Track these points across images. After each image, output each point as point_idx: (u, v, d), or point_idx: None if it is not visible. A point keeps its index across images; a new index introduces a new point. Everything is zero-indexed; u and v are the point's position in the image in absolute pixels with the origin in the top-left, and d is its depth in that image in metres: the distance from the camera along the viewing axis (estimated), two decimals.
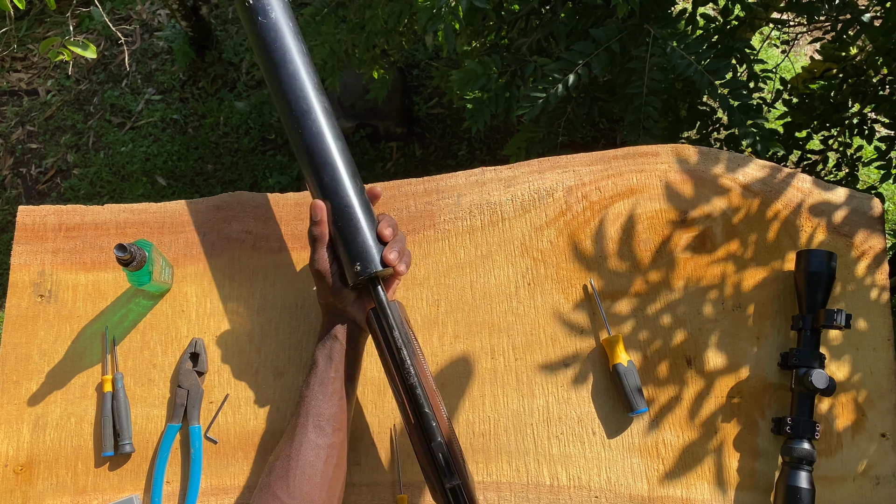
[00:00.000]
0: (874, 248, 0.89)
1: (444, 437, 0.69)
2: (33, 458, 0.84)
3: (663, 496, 0.83)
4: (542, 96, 1.11)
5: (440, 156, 2.34)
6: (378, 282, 0.74)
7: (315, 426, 0.72)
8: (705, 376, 0.86)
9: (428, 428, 0.70)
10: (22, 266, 0.90)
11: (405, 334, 0.73)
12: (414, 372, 0.71)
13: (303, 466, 0.70)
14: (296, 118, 0.76)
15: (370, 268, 0.73)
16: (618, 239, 0.90)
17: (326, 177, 0.76)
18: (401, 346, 0.72)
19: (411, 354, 0.72)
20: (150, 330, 0.88)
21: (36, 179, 2.40)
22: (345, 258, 0.75)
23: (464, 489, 0.69)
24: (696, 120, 1.53)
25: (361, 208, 0.76)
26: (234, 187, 2.31)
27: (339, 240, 0.75)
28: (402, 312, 0.75)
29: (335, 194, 0.76)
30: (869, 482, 0.83)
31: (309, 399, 0.74)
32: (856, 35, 1.22)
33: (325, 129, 0.77)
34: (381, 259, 0.74)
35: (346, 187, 0.76)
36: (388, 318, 0.73)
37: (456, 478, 0.68)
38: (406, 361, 0.71)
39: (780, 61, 2.24)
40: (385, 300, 0.74)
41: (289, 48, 0.77)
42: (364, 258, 0.74)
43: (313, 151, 0.76)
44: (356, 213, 0.75)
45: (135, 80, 2.51)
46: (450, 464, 0.69)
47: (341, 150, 0.77)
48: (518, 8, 1.33)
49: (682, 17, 1.24)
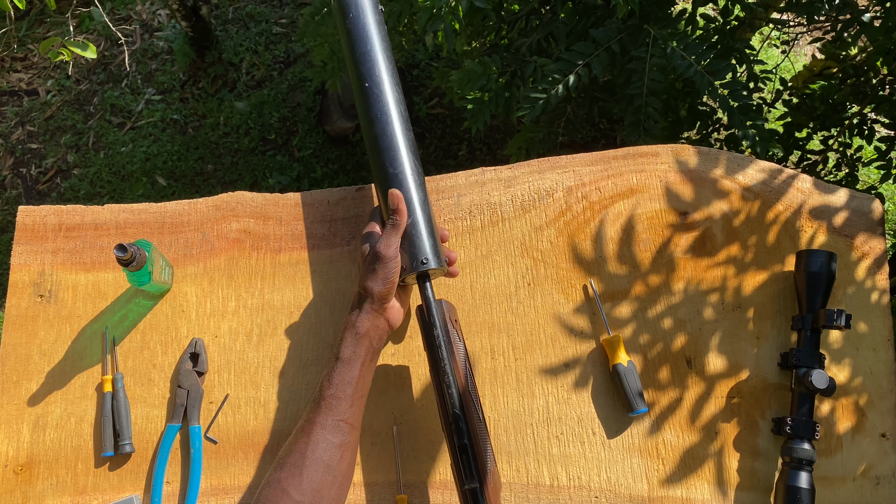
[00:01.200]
0: (874, 250, 0.89)
1: (469, 439, 0.70)
2: (33, 458, 0.84)
3: (663, 496, 0.83)
4: (543, 97, 1.11)
5: (440, 156, 2.34)
6: (429, 278, 0.77)
7: (333, 425, 0.71)
8: (705, 377, 0.86)
9: (456, 428, 0.70)
10: (22, 266, 0.90)
11: (447, 333, 0.74)
12: (450, 371, 0.72)
13: (317, 464, 0.69)
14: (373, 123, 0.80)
15: (433, 263, 0.76)
16: (618, 239, 0.90)
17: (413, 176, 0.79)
18: (440, 344, 0.73)
19: (450, 354, 0.73)
20: (150, 330, 0.88)
21: (36, 179, 2.40)
22: (408, 251, 0.77)
23: (482, 494, 0.69)
24: (696, 120, 1.53)
25: (421, 205, 0.79)
26: (234, 187, 2.31)
27: (412, 233, 0.77)
28: (451, 312, 0.77)
29: (412, 192, 0.78)
30: (869, 482, 0.83)
31: (331, 398, 0.72)
32: (856, 35, 1.22)
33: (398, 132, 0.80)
34: (436, 258, 0.76)
35: (419, 188, 0.79)
36: (433, 316, 0.75)
37: (475, 481, 0.68)
38: (443, 360, 0.73)
39: (780, 61, 2.24)
40: (431, 297, 0.76)
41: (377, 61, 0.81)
42: (432, 253, 0.76)
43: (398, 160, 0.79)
44: (417, 210, 0.78)
45: (135, 81, 2.51)
46: (470, 466, 0.69)
47: (408, 146, 0.80)
48: (518, 8, 1.33)
49: (682, 17, 1.24)
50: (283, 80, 2.47)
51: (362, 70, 0.80)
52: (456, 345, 0.75)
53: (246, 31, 2.57)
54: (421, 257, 0.76)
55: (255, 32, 2.56)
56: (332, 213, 0.92)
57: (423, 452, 0.84)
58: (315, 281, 0.90)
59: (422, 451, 0.84)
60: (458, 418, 0.70)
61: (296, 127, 2.39)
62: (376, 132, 0.79)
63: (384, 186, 0.78)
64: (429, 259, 0.76)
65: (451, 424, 0.71)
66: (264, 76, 2.48)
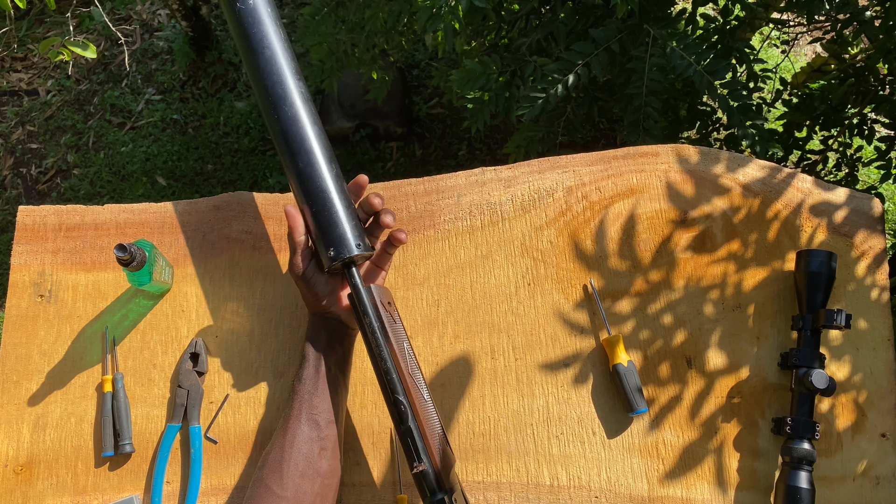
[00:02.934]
0: (874, 248, 0.89)
1: (414, 422, 0.69)
2: (33, 458, 0.84)
3: (663, 496, 0.83)
4: (542, 96, 1.11)
5: (440, 156, 2.34)
6: (353, 266, 0.75)
7: (308, 419, 0.73)
8: (705, 376, 0.86)
9: (399, 412, 0.70)
10: (22, 266, 0.90)
11: (379, 318, 0.72)
12: (387, 356, 0.71)
13: (296, 459, 0.70)
14: (272, 103, 0.76)
15: (344, 252, 0.74)
16: (618, 239, 0.90)
17: (301, 162, 0.75)
18: (374, 330, 0.72)
19: (385, 339, 0.72)
20: (150, 330, 0.88)
21: (36, 179, 2.40)
22: (319, 244, 0.75)
23: (433, 474, 0.68)
24: (696, 120, 1.53)
25: (337, 193, 0.75)
26: (234, 187, 2.31)
27: (314, 225, 0.75)
28: (383, 295, 0.75)
29: (310, 179, 0.75)
30: (869, 482, 0.83)
31: (301, 392, 0.74)
32: (856, 34, 1.22)
33: (302, 115, 0.76)
34: (356, 244, 0.74)
35: (321, 172, 0.75)
36: (362, 303, 0.73)
37: (423, 463, 0.68)
38: (379, 346, 0.71)
39: (780, 61, 2.24)
40: (359, 284, 0.74)
41: (266, 34, 0.77)
42: (338, 243, 0.74)
43: (289, 137, 0.76)
44: (332, 198, 0.75)
45: (135, 80, 2.51)
46: (417, 448, 0.68)
47: (317, 136, 0.77)
48: (518, 8, 1.33)
49: (681, 17, 1.24)
50: None
51: None
52: (392, 327, 0.73)
53: None
54: (338, 247, 0.74)
55: None
56: None
57: None
58: None
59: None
60: (398, 403, 0.70)
61: None
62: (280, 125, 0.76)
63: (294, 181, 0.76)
64: (349, 247, 0.74)
65: (392, 409, 0.70)
66: None
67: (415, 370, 0.74)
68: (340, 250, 0.74)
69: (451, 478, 0.70)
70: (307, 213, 0.76)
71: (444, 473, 0.69)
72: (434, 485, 0.68)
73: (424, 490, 0.68)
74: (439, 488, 0.68)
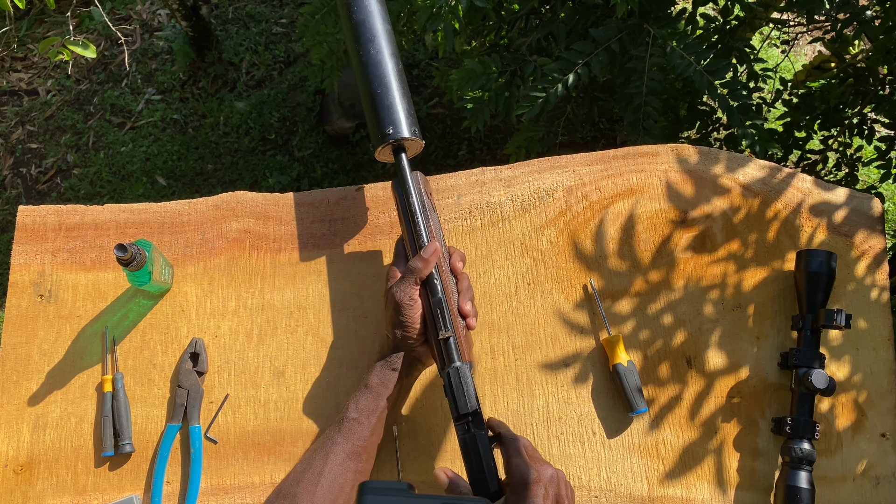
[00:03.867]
0: (874, 248, 0.89)
1: (443, 295, 0.75)
2: (33, 458, 0.84)
3: (663, 496, 0.83)
4: (542, 96, 1.11)
5: (440, 156, 2.34)
6: (402, 151, 0.81)
7: (353, 450, 0.72)
8: (705, 376, 0.86)
9: (431, 285, 0.75)
10: (22, 266, 0.90)
11: (421, 200, 0.79)
12: (424, 233, 0.77)
13: (330, 486, 0.70)
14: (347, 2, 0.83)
15: (399, 133, 0.79)
16: (618, 239, 0.90)
17: (374, 49, 0.81)
18: (416, 211, 0.78)
19: (426, 220, 0.78)
20: (150, 330, 0.88)
21: (36, 179, 2.40)
22: (376, 125, 0.80)
23: (453, 344, 0.73)
24: (696, 120, 1.53)
25: (398, 83, 0.81)
26: (234, 187, 2.31)
27: (376, 104, 0.80)
28: (424, 184, 0.81)
29: (379, 65, 0.81)
30: (869, 482, 0.83)
31: (354, 423, 0.73)
32: (856, 33, 1.22)
33: (375, 10, 0.83)
34: (410, 130, 0.80)
35: (388, 61, 0.82)
36: (406, 185, 0.79)
37: (450, 330, 0.73)
38: (419, 225, 0.77)
39: (780, 61, 2.24)
40: (407, 167, 0.80)
41: None
42: (396, 124, 0.79)
43: (365, 27, 0.82)
44: (393, 86, 0.81)
45: (135, 80, 2.51)
46: (445, 319, 0.74)
47: (388, 32, 0.83)
48: (518, 8, 1.33)
49: (681, 16, 1.24)
50: (283, 80, 2.47)
51: None
52: (431, 214, 0.80)
53: (246, 31, 2.57)
54: (386, 129, 0.79)
55: (255, 32, 2.56)
56: (332, 213, 0.92)
57: (423, 452, 0.84)
58: (315, 281, 0.90)
59: (422, 451, 0.84)
60: (431, 276, 0.75)
61: (296, 127, 2.39)
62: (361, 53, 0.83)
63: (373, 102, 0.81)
64: (402, 130, 0.79)
65: (426, 285, 0.76)
66: (264, 76, 2.48)
67: (446, 256, 0.78)
68: (399, 130, 0.79)
69: (471, 354, 0.76)
70: (371, 96, 0.80)
71: (468, 348, 0.75)
72: (455, 354, 0.73)
73: (444, 359, 0.73)
74: (460, 358, 0.73)
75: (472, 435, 0.71)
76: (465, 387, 0.72)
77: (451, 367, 0.73)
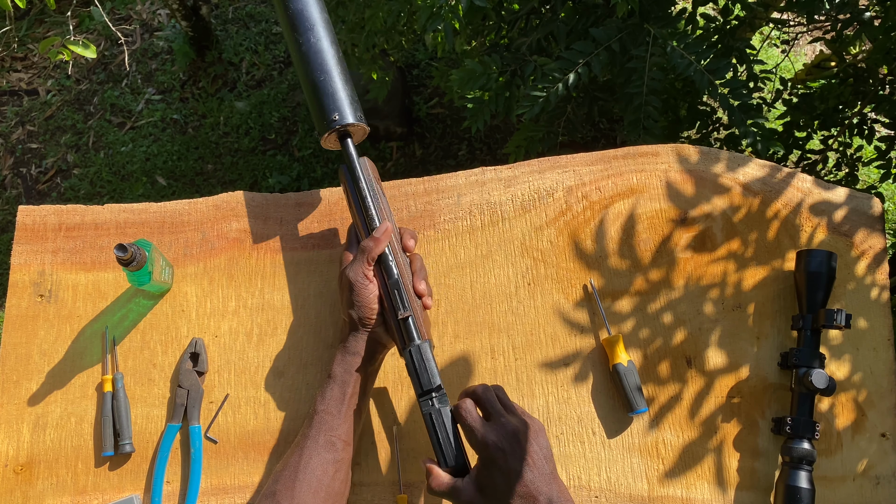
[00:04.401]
0: (874, 248, 0.89)
1: (399, 277, 0.76)
2: (33, 458, 0.84)
3: (663, 496, 0.83)
4: (542, 95, 1.11)
5: (440, 156, 2.34)
6: (349, 136, 0.81)
7: (326, 441, 0.73)
8: (705, 376, 0.86)
9: (387, 267, 0.77)
10: (22, 266, 0.90)
11: (372, 187, 0.80)
12: (377, 217, 0.79)
13: (309, 480, 0.70)
14: None
15: (345, 119, 0.79)
16: (618, 239, 0.90)
17: (314, 37, 0.81)
18: (366, 195, 0.79)
19: (376, 203, 0.80)
20: (150, 330, 0.88)
21: (36, 179, 2.40)
22: (320, 113, 0.80)
23: (412, 323, 0.75)
24: (696, 120, 1.53)
25: (339, 69, 0.81)
26: (234, 187, 2.31)
27: (319, 92, 0.80)
28: (373, 170, 0.82)
29: (319, 52, 0.80)
30: (869, 482, 0.83)
31: (323, 413, 0.74)
32: (856, 34, 1.22)
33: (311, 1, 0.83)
34: (355, 115, 0.80)
35: (327, 48, 0.81)
36: (355, 171, 0.80)
37: (408, 310, 0.75)
38: (370, 208, 0.79)
39: (780, 61, 2.24)
40: (354, 153, 0.81)
41: None
42: (341, 111, 0.79)
43: (302, 17, 0.81)
44: (334, 73, 0.81)
45: (135, 80, 2.51)
46: (403, 299, 0.75)
47: (325, 21, 0.83)
48: (518, 7, 1.33)
49: (682, 16, 1.24)
50: (283, 80, 2.47)
51: None
52: (381, 198, 0.81)
53: (246, 31, 2.57)
54: (332, 115, 0.79)
55: (255, 32, 2.56)
56: (332, 213, 0.92)
57: (423, 452, 0.84)
58: (315, 281, 0.90)
59: (422, 451, 0.84)
60: (386, 258, 0.77)
61: (296, 127, 2.39)
62: None
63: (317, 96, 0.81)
64: (346, 116, 0.79)
65: (380, 266, 0.77)
66: (264, 76, 2.48)
67: (397, 235, 0.80)
68: (342, 117, 0.79)
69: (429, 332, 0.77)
70: (313, 84, 0.80)
71: (427, 326, 0.77)
72: (415, 333, 0.75)
73: (404, 337, 0.75)
74: (419, 336, 0.75)
75: (437, 410, 0.73)
76: (426, 363, 0.74)
77: (413, 345, 0.74)
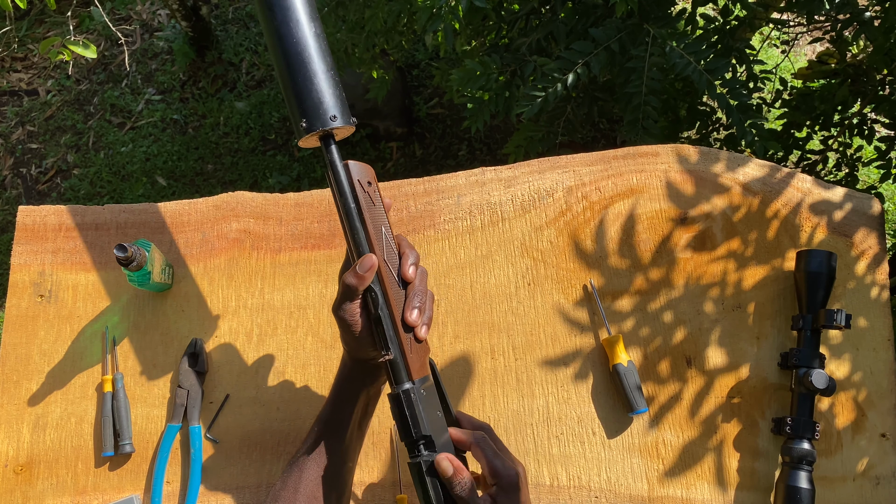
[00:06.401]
0: (874, 248, 0.89)
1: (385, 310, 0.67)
2: (33, 458, 0.84)
3: (663, 496, 0.83)
4: (542, 95, 1.11)
5: (440, 156, 2.34)
6: (331, 140, 0.67)
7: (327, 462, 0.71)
8: (705, 376, 0.86)
9: (372, 299, 0.66)
10: (22, 266, 0.90)
11: (356, 199, 0.67)
12: (361, 239, 0.66)
13: (309, 499, 0.69)
14: None
15: (317, 124, 0.65)
16: (618, 239, 0.90)
17: (279, 17, 0.65)
18: (350, 212, 0.67)
19: (360, 221, 0.67)
20: (150, 330, 0.88)
21: (36, 179, 2.40)
22: (294, 113, 0.67)
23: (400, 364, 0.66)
24: (696, 120, 1.53)
25: (318, 55, 0.66)
26: (234, 187, 2.31)
27: (291, 91, 0.66)
28: (363, 174, 0.69)
29: (288, 36, 0.65)
30: (869, 482, 0.83)
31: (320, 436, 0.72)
32: (856, 34, 1.22)
33: None
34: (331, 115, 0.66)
35: (303, 29, 0.66)
36: (339, 182, 0.67)
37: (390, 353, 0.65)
38: (354, 229, 0.67)
39: (780, 61, 2.24)
40: (336, 161, 0.67)
41: None
42: (312, 113, 0.65)
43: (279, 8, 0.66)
44: (311, 62, 0.66)
45: (135, 80, 2.51)
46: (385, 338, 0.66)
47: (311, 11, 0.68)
48: (518, 8, 1.33)
49: (681, 16, 1.24)
50: None
51: None
52: (371, 210, 0.68)
53: (246, 31, 2.57)
54: (313, 118, 0.65)
55: (255, 32, 2.56)
56: (332, 213, 0.92)
57: None
58: (315, 281, 0.90)
59: None
60: (369, 288, 0.66)
61: None
62: None
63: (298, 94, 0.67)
64: (336, 116, 0.66)
65: (364, 296, 0.67)
66: (264, 76, 2.48)
67: (392, 256, 0.68)
68: (314, 121, 0.65)
69: (425, 364, 0.68)
70: (283, 77, 0.67)
71: (414, 363, 0.67)
72: (402, 375, 0.65)
73: (391, 379, 0.66)
74: (407, 377, 0.65)
75: (422, 462, 0.64)
76: (409, 411, 0.64)
77: (398, 389, 0.65)
